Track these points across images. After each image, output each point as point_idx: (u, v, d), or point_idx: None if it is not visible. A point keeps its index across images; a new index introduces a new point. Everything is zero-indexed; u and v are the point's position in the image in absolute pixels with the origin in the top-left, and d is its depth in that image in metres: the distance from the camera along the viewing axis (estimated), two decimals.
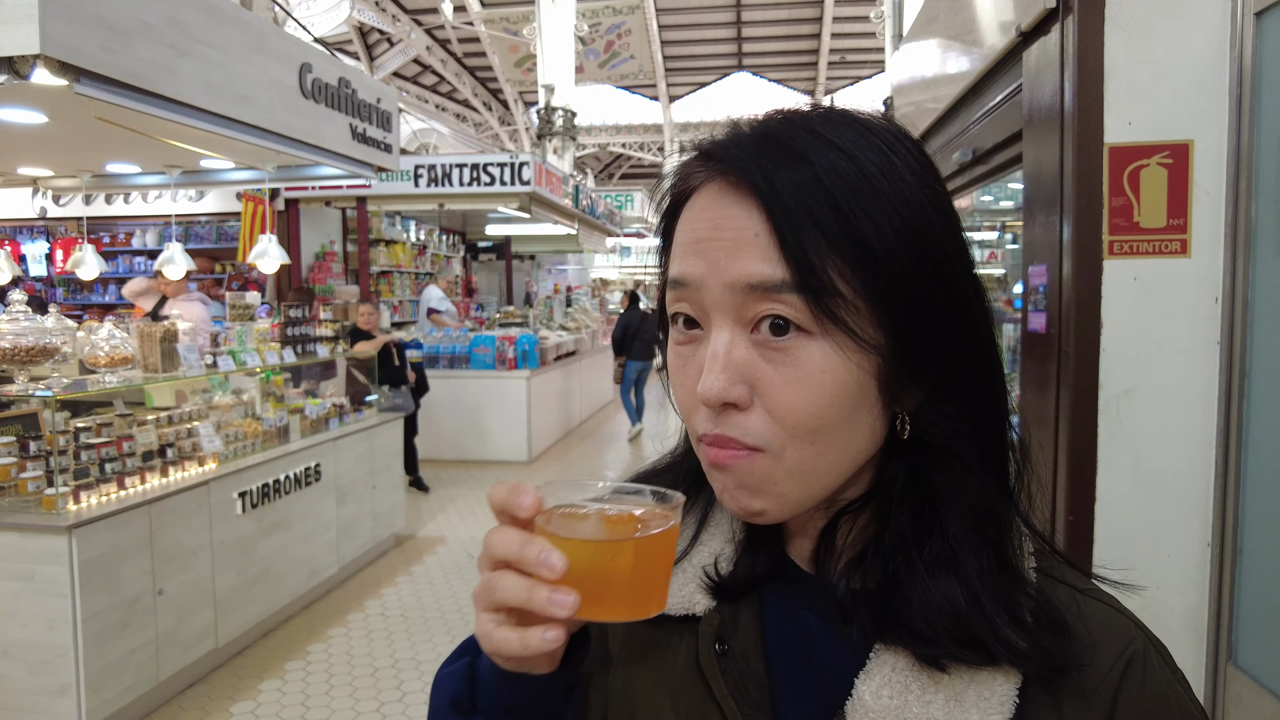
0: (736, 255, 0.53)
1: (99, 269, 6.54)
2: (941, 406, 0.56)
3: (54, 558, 3.02)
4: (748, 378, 0.54)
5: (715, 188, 0.56)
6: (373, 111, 5.09)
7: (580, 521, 0.55)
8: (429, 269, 11.83)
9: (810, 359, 0.53)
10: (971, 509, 0.56)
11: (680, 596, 0.63)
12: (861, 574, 0.58)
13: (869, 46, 16.78)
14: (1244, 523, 1.85)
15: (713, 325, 0.55)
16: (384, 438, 5.51)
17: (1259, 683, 1.78)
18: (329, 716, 3.49)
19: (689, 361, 0.57)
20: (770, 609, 0.62)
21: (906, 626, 0.55)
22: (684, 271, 0.56)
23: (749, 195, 0.53)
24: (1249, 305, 1.82)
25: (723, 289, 0.54)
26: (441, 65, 18.55)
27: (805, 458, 0.54)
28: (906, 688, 0.54)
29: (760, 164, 0.53)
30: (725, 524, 0.66)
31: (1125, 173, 1.90)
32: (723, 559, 0.64)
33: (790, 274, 0.52)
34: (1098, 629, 0.56)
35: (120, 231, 9.61)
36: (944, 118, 3.48)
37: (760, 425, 0.54)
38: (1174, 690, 0.56)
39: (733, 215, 0.54)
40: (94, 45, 2.92)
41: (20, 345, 3.41)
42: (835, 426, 0.54)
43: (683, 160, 0.61)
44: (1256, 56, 1.78)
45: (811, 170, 0.52)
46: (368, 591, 4.92)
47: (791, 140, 0.54)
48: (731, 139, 0.57)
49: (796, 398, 0.53)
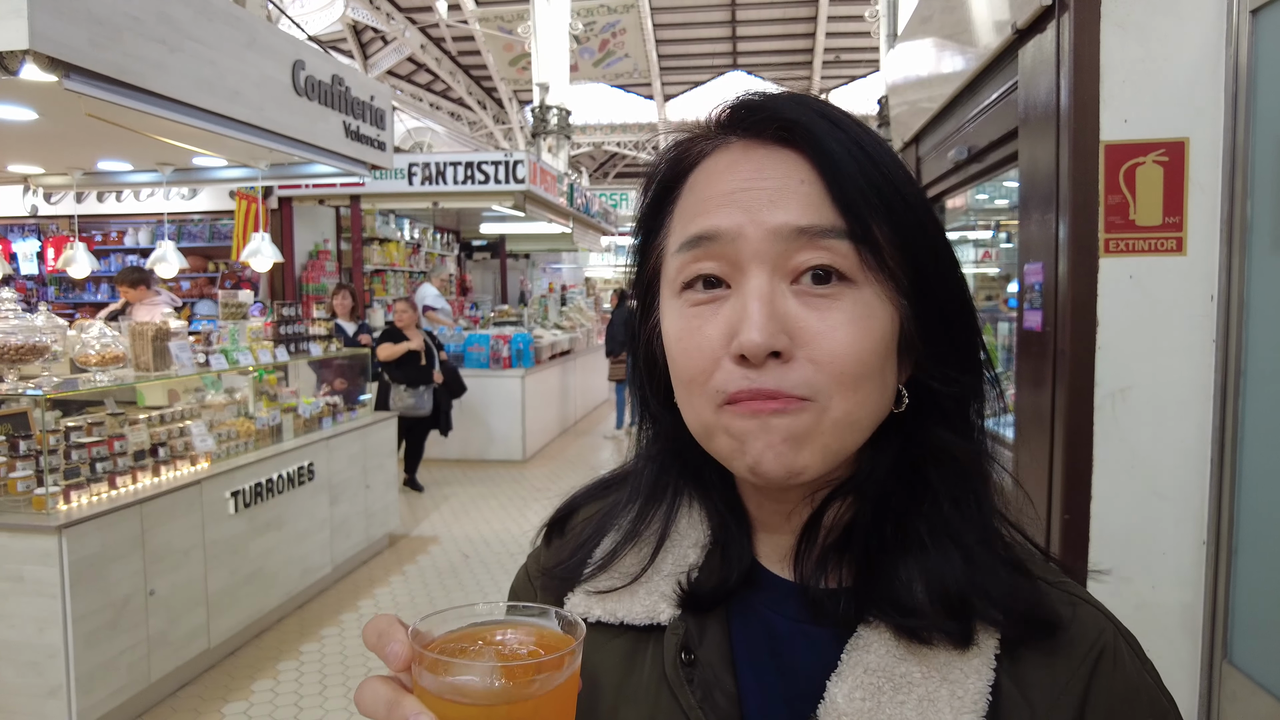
0: (781, 202, 0.53)
1: (90, 267, 6.51)
2: (943, 366, 0.58)
3: (44, 558, 3.00)
4: (789, 327, 0.52)
5: (741, 146, 0.56)
6: (366, 109, 5.07)
7: (464, 671, 0.46)
8: (423, 268, 11.81)
9: (855, 305, 0.53)
10: (964, 473, 0.58)
11: (645, 606, 0.61)
12: (839, 561, 0.58)
13: (864, 46, 16.79)
14: (1239, 521, 1.85)
15: (747, 276, 0.53)
16: (377, 437, 5.49)
17: (1254, 680, 1.78)
18: (322, 717, 3.48)
19: (708, 320, 0.54)
20: (737, 615, 0.61)
21: (889, 599, 0.55)
22: (714, 224, 0.54)
23: (788, 148, 0.54)
24: (1245, 303, 1.82)
25: (765, 236, 0.53)
26: (436, 63, 18.50)
27: (850, 406, 0.53)
28: (879, 689, 0.53)
29: (805, 116, 0.54)
30: (692, 531, 0.64)
31: (1121, 170, 1.90)
32: (691, 567, 0.62)
33: (840, 220, 0.53)
34: (1063, 602, 0.57)
35: (112, 230, 9.56)
36: (939, 116, 3.48)
37: (805, 375, 0.52)
38: (1144, 681, 0.57)
39: (774, 164, 0.54)
40: (82, 40, 2.89)
41: (10, 344, 3.38)
42: (876, 375, 0.54)
43: (685, 137, 0.61)
44: (1252, 54, 1.78)
45: (846, 132, 0.55)
46: (361, 591, 4.90)
47: (819, 107, 0.56)
48: (761, 101, 0.57)
49: (845, 342, 0.52)
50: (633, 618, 0.61)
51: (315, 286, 8.71)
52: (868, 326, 0.53)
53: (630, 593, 0.62)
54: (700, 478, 0.64)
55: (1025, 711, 0.53)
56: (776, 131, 0.55)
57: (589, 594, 0.63)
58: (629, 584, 0.62)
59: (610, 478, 0.72)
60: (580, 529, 0.69)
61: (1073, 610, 0.57)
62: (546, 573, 0.68)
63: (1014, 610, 0.54)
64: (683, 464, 0.65)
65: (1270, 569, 1.78)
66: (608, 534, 0.66)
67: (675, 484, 0.66)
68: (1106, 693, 0.55)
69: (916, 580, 0.55)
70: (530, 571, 0.73)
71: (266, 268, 5.74)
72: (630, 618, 0.61)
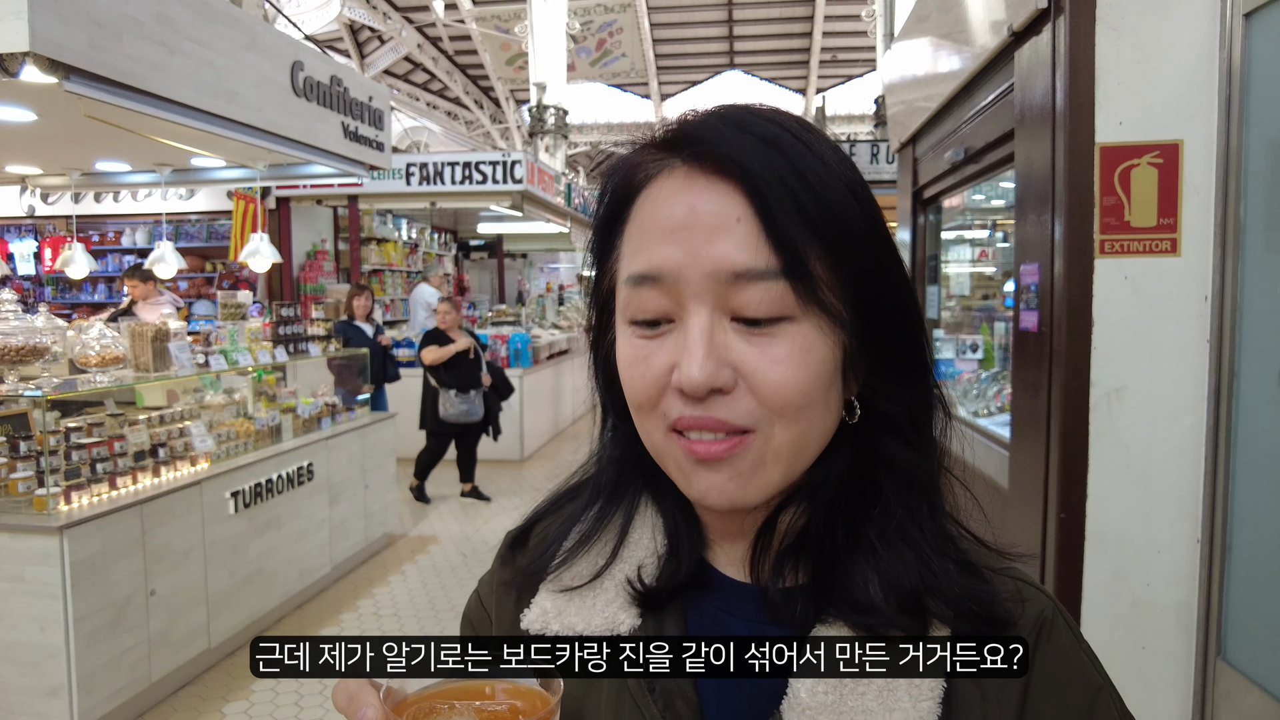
0: (718, 241, 0.52)
1: (88, 268, 6.50)
2: (889, 385, 0.58)
3: (45, 558, 3.00)
4: (730, 361, 0.53)
5: (683, 173, 0.55)
6: (364, 110, 5.07)
7: None
8: (420, 267, 11.80)
9: (794, 339, 0.53)
10: (917, 481, 0.59)
11: (604, 616, 0.61)
12: (794, 564, 0.60)
13: (860, 45, 16.81)
14: (1233, 519, 1.87)
15: (688, 313, 0.54)
16: (376, 437, 5.50)
17: (1247, 677, 1.80)
18: (322, 717, 3.49)
19: (654, 354, 0.55)
20: (695, 621, 0.62)
21: (845, 599, 0.56)
22: (657, 265, 0.54)
23: (726, 180, 0.53)
24: (1238, 304, 1.84)
25: (703, 277, 0.53)
26: (433, 63, 18.49)
27: (792, 436, 0.54)
28: (841, 682, 0.55)
29: (741, 149, 0.53)
30: (647, 538, 0.65)
31: (1116, 172, 1.91)
32: (645, 571, 0.63)
33: (777, 259, 0.52)
34: (1010, 587, 0.59)
35: (110, 230, 9.54)
36: (936, 117, 3.49)
37: (748, 406, 0.53)
38: (1078, 658, 0.59)
39: (712, 198, 0.53)
40: (82, 42, 2.90)
41: (10, 345, 3.38)
42: (818, 403, 0.55)
43: (635, 150, 0.60)
44: (1245, 57, 1.79)
45: (785, 157, 0.53)
46: (360, 591, 4.91)
47: (760, 129, 0.54)
48: (702, 125, 0.56)
49: (785, 376, 0.53)
50: (591, 630, 0.60)
51: (313, 286, 8.71)
52: (806, 361, 0.53)
53: (589, 597, 0.62)
54: (657, 485, 0.65)
55: (976, 695, 0.56)
56: (714, 165, 0.54)
57: (551, 593, 0.63)
58: (588, 582, 0.63)
59: (568, 489, 0.72)
60: (540, 537, 0.70)
61: (1020, 600, 0.59)
62: (505, 583, 0.69)
63: (968, 611, 0.56)
64: (641, 470, 0.65)
65: (1264, 567, 1.79)
66: (568, 538, 0.67)
67: (634, 489, 0.66)
68: (1041, 668, 0.57)
69: (872, 580, 0.56)
70: (483, 595, 0.74)
71: (265, 268, 5.74)
72: (589, 631, 0.60)
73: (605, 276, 0.62)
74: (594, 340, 0.66)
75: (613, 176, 0.61)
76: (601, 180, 0.63)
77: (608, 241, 0.61)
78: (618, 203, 0.59)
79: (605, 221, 0.61)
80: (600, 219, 0.61)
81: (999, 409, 3.25)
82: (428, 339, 6.39)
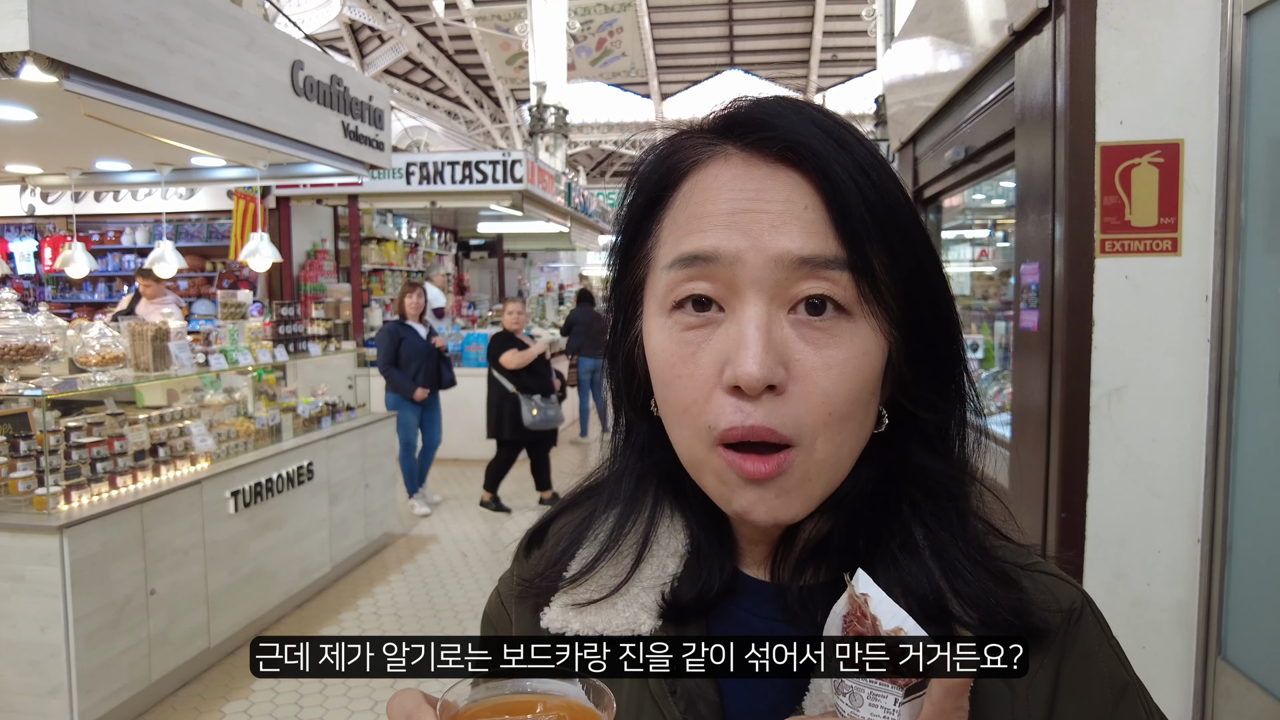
0: (784, 229, 0.51)
1: (88, 267, 6.50)
2: (926, 391, 0.58)
3: (45, 558, 3.01)
4: (785, 359, 0.51)
5: (741, 159, 0.54)
6: (364, 109, 5.07)
7: None
8: (420, 267, 11.80)
9: (851, 340, 0.52)
10: (946, 490, 0.58)
11: (625, 618, 0.60)
12: (816, 568, 0.59)
13: (860, 45, 16.80)
14: (1233, 519, 1.87)
15: (744, 303, 0.52)
16: (376, 436, 5.50)
17: (1248, 676, 1.80)
18: (322, 716, 3.49)
19: (701, 348, 0.53)
20: (716, 620, 0.61)
21: None
22: (713, 245, 0.52)
23: (792, 168, 0.52)
24: (1239, 303, 1.84)
25: (766, 263, 0.51)
26: (433, 62, 18.47)
27: (832, 448, 0.53)
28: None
29: (810, 137, 0.52)
30: (672, 541, 0.63)
31: (1117, 171, 1.91)
32: (672, 576, 0.61)
33: (842, 250, 0.51)
34: (1045, 593, 0.59)
35: (109, 229, 9.54)
36: (936, 116, 3.49)
37: (795, 411, 0.51)
38: (1105, 652, 0.59)
39: (777, 186, 0.52)
40: (82, 41, 2.90)
41: (10, 344, 3.38)
42: (862, 410, 0.54)
43: (674, 136, 0.59)
44: (1246, 56, 1.79)
45: (849, 151, 0.53)
46: (360, 590, 4.91)
47: (821, 121, 0.54)
48: (764, 111, 0.54)
49: (837, 380, 0.52)
50: (612, 630, 0.59)
51: (313, 286, 8.71)
52: (861, 365, 0.52)
53: (610, 604, 0.61)
54: (679, 489, 0.63)
55: (1006, 692, 0.55)
56: (781, 151, 0.53)
57: (566, 606, 0.62)
58: (608, 595, 0.61)
59: (585, 487, 0.71)
60: (556, 539, 0.68)
61: (1049, 583, 0.59)
62: (525, 583, 0.67)
63: (1003, 622, 0.55)
64: (661, 474, 0.63)
65: (1264, 566, 1.79)
66: (584, 544, 0.65)
67: (654, 494, 0.65)
68: (1068, 660, 0.57)
69: (894, 586, 0.55)
70: (503, 594, 0.72)
71: (265, 267, 5.74)
72: (610, 631, 0.59)
73: (636, 264, 0.60)
74: (615, 336, 0.63)
75: (651, 163, 0.59)
76: (634, 168, 0.61)
77: (643, 226, 0.59)
78: (657, 188, 0.58)
79: (641, 208, 0.59)
80: (634, 205, 0.59)
81: (999, 408, 3.25)
82: (500, 342, 6.02)
